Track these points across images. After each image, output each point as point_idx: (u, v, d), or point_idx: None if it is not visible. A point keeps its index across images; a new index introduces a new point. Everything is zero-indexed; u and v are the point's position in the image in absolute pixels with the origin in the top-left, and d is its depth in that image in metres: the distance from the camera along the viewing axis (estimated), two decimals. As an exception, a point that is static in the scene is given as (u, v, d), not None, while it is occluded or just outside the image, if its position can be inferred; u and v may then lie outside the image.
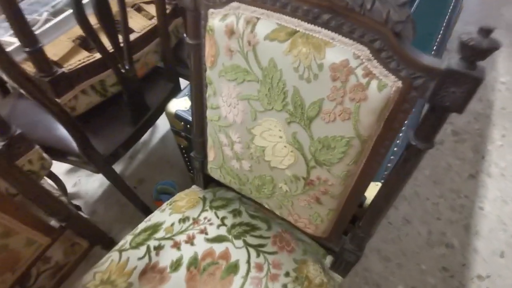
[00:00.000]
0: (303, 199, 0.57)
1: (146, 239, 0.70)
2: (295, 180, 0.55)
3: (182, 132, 0.90)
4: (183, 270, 0.64)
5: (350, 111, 0.41)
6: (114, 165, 1.34)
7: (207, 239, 0.69)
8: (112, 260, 0.68)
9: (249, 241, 0.69)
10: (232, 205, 0.77)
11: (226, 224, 0.72)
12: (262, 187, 0.62)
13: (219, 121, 0.59)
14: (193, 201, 0.78)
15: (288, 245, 0.70)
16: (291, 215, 0.63)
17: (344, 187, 0.52)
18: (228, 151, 0.62)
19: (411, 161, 0.43)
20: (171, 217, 0.74)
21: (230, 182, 0.69)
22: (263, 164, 0.57)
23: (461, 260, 1.18)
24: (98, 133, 0.90)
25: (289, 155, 0.52)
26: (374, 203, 0.52)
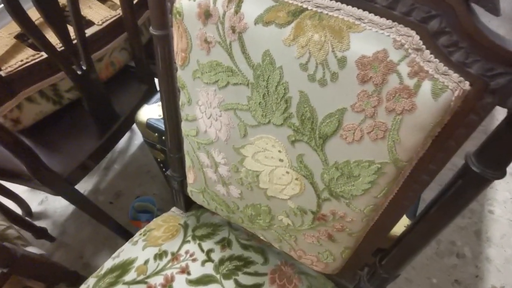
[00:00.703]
0: (310, 235, 0.44)
1: (112, 283, 0.56)
2: (300, 213, 0.41)
3: (157, 144, 0.76)
4: (158, 326, 0.51)
5: (386, 128, 0.28)
6: (87, 178, 1.18)
7: (190, 281, 0.55)
8: (69, 313, 0.53)
9: (242, 281, 0.55)
10: (219, 233, 0.63)
11: (212, 260, 0.58)
12: (256, 217, 0.49)
13: (197, 137, 0.45)
14: (172, 229, 0.63)
15: (289, 283, 0.57)
16: (294, 251, 0.50)
17: (367, 222, 0.39)
18: (211, 173, 0.48)
19: (468, 193, 0.31)
20: (145, 252, 0.60)
21: (216, 209, 0.56)
22: (257, 192, 0.44)
23: (474, 271, 1.08)
24: (54, 149, 0.74)
25: (292, 184, 0.38)
26: (407, 241, 0.39)
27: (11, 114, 0.63)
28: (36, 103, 0.67)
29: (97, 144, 0.79)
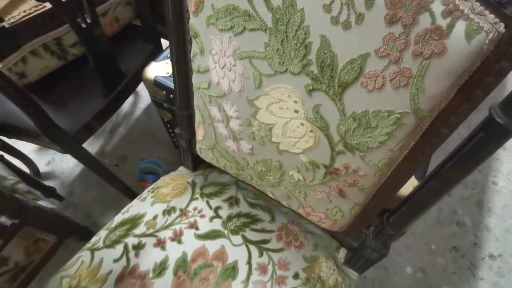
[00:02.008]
0: (320, 191, 0.44)
1: (123, 235, 0.57)
2: (312, 167, 0.41)
3: (165, 103, 0.75)
4: (169, 275, 0.52)
5: (411, 74, 0.27)
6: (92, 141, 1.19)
7: (198, 236, 0.56)
8: (82, 261, 0.55)
9: (249, 237, 0.57)
10: (227, 192, 0.64)
11: (220, 216, 0.59)
12: (266, 173, 0.49)
13: (209, 90, 0.44)
14: (180, 187, 0.64)
15: (296, 240, 0.58)
16: (302, 208, 0.51)
17: (380, 177, 0.39)
18: (222, 128, 0.47)
19: (489, 146, 0.30)
20: (154, 208, 0.61)
21: (225, 166, 0.56)
22: (269, 146, 0.43)
23: (473, 239, 1.10)
24: (62, 106, 0.74)
25: (307, 136, 0.38)
26: (418, 198, 0.39)
27: (16, 68, 0.62)
28: (41, 57, 0.65)
29: (103, 103, 0.78)
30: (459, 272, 1.04)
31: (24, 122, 0.72)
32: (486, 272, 1.04)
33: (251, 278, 0.53)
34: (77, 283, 0.53)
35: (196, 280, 0.52)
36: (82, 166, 1.27)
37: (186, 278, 0.52)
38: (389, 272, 1.04)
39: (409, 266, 1.05)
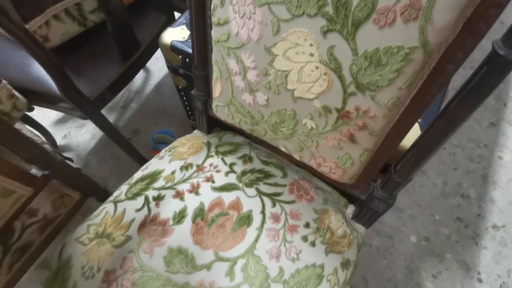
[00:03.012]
0: (332, 138, 0.47)
1: (143, 189, 0.61)
2: (325, 113, 0.44)
3: (180, 68, 0.78)
4: (188, 222, 0.56)
5: (421, 6, 0.29)
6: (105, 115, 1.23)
7: (214, 188, 0.60)
8: (106, 212, 0.59)
9: (262, 190, 0.60)
10: (241, 151, 0.67)
11: (235, 171, 0.63)
12: (280, 125, 0.52)
13: (228, 42, 0.46)
14: (196, 146, 0.68)
15: (306, 194, 0.62)
16: (313, 159, 0.54)
17: (388, 120, 0.41)
18: (239, 81, 0.50)
19: (493, 78, 0.32)
20: (171, 165, 0.64)
21: (239, 122, 0.59)
22: (284, 95, 0.46)
23: (477, 211, 1.13)
24: (81, 72, 0.77)
25: (321, 80, 0.40)
26: (425, 140, 0.42)
27: (40, 31, 0.65)
28: (62, 22, 0.68)
29: (120, 70, 0.81)
30: (462, 241, 1.07)
31: (47, 88, 0.76)
32: (489, 242, 1.07)
33: (265, 226, 0.56)
34: (103, 230, 0.57)
35: (213, 227, 0.56)
36: (96, 139, 1.31)
37: (204, 225, 0.56)
38: (394, 241, 1.07)
39: (414, 235, 1.09)
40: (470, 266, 1.03)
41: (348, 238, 0.59)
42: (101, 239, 0.56)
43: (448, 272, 1.02)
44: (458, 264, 1.03)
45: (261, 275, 0.52)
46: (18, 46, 0.81)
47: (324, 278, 0.53)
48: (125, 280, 0.52)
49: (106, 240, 0.56)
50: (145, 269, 0.52)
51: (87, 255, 0.55)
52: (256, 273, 0.52)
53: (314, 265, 0.54)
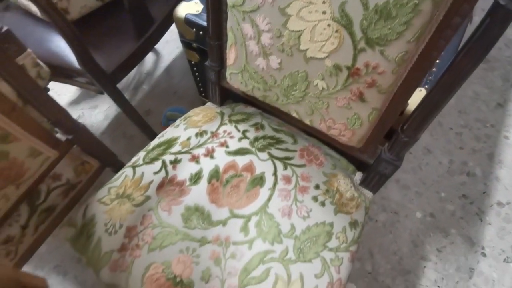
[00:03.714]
0: (342, 98, 0.49)
1: (160, 154, 0.64)
2: (335, 72, 0.46)
3: (194, 42, 0.80)
4: (204, 182, 0.59)
5: (429, -46, 0.31)
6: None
7: (228, 152, 0.63)
8: (126, 175, 0.63)
9: (274, 154, 0.63)
10: (253, 119, 0.70)
11: (248, 137, 0.65)
12: (293, 88, 0.54)
13: (243, 5, 0.49)
14: (210, 115, 0.70)
15: (316, 159, 0.64)
16: (324, 121, 0.56)
17: (396, 77, 0.44)
18: (253, 45, 0.53)
19: (495, 29, 0.35)
20: (187, 132, 0.67)
21: (252, 89, 0.61)
22: (296, 57, 0.48)
23: (482, 188, 1.14)
24: (99, 46, 0.80)
25: (332, 37, 0.43)
26: (431, 96, 0.44)
27: (61, 3, 0.68)
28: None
29: (135, 45, 0.84)
30: (467, 217, 1.09)
31: (66, 62, 0.79)
32: (493, 218, 1.09)
33: (277, 187, 0.59)
34: (123, 191, 0.61)
35: (228, 187, 0.59)
36: (109, 119, 1.35)
37: (219, 185, 0.59)
38: (400, 216, 1.10)
39: (419, 211, 1.11)
40: (475, 241, 1.05)
41: (356, 200, 0.62)
42: (121, 199, 0.60)
43: (453, 246, 1.05)
44: (462, 239, 1.06)
45: (274, 230, 0.55)
46: (38, 21, 0.84)
47: (334, 235, 0.56)
48: (146, 235, 0.56)
49: (126, 200, 0.59)
50: (164, 225, 0.56)
51: (109, 214, 0.59)
52: (269, 229, 0.55)
53: (324, 223, 0.57)
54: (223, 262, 0.53)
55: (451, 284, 0.98)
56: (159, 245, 0.54)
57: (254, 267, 0.52)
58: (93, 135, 0.69)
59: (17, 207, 0.60)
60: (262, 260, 0.53)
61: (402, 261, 1.02)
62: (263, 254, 0.53)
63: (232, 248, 0.54)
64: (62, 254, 1.04)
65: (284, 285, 0.51)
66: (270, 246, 0.54)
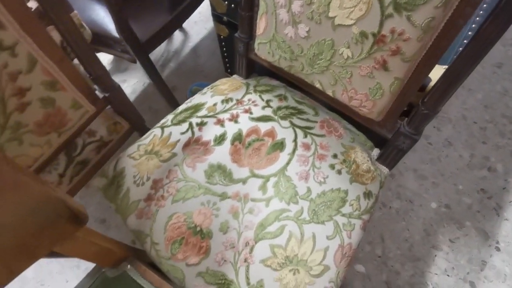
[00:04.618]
0: (366, 66, 0.51)
1: (188, 117, 0.68)
2: (361, 39, 0.48)
3: (224, 16, 0.83)
4: (227, 144, 0.63)
5: None
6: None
7: (252, 118, 0.66)
8: (154, 135, 0.67)
9: (295, 123, 0.66)
10: (277, 91, 0.72)
11: (271, 106, 0.68)
12: (318, 57, 0.56)
13: (277, -28, 0.51)
14: (236, 85, 0.74)
15: (336, 131, 0.66)
16: (346, 92, 0.58)
17: (421, 45, 0.45)
18: (284, 14, 0.55)
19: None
20: (213, 99, 0.71)
21: (279, 59, 0.64)
22: (324, 24, 0.51)
23: (502, 184, 1.13)
24: (135, 17, 0.84)
25: (361, 3, 0.44)
26: (455, 66, 0.45)
27: (104, -28, 0.72)
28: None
29: (168, 18, 0.88)
30: (483, 211, 1.08)
31: (104, 29, 0.84)
32: (511, 214, 1.08)
33: (296, 152, 0.62)
34: (151, 148, 0.65)
35: (250, 149, 0.62)
36: (136, 94, 1.41)
37: (241, 147, 0.63)
38: (414, 205, 1.10)
39: (434, 202, 1.11)
40: (490, 234, 1.04)
41: (372, 173, 0.64)
42: (149, 155, 0.64)
43: (466, 238, 1.04)
44: (476, 232, 1.05)
45: (291, 191, 0.58)
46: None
47: (347, 202, 0.59)
48: (171, 187, 0.60)
49: (154, 156, 0.64)
50: (188, 180, 0.60)
51: (138, 167, 0.63)
52: (286, 190, 0.58)
53: (339, 189, 0.59)
54: (241, 216, 0.56)
55: (462, 274, 0.98)
56: (182, 197, 0.58)
57: (270, 223, 0.55)
58: (126, 96, 0.74)
59: (57, 156, 0.66)
60: (277, 217, 0.56)
61: (413, 248, 1.03)
62: (279, 212, 0.56)
63: (250, 204, 0.57)
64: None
65: (297, 242, 0.54)
66: (286, 206, 0.57)
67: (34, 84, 0.49)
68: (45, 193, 0.37)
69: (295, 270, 0.53)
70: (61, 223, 0.41)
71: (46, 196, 0.38)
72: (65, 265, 1.05)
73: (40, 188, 0.36)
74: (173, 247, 0.56)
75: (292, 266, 0.53)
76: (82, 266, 1.04)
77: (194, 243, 0.55)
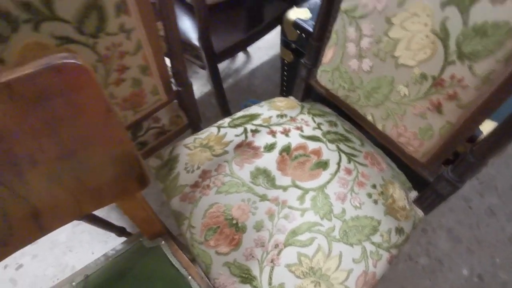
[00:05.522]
0: (420, 106, 0.55)
1: (244, 122, 0.75)
2: (421, 80, 0.53)
3: (293, 43, 0.92)
4: (275, 152, 0.68)
5: (533, -14, 0.38)
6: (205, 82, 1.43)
7: (302, 136, 0.71)
8: (211, 132, 0.74)
9: (342, 148, 0.70)
10: (328, 117, 0.77)
11: (321, 129, 0.73)
12: (376, 91, 0.61)
13: (354, 11, 0.58)
14: (291, 104, 0.80)
15: (378, 164, 0.69)
16: (396, 127, 0.62)
17: (478, 94, 0.48)
18: (352, 47, 0.61)
19: None
20: (269, 112, 0.77)
21: (337, 88, 0.70)
22: (388, 62, 0.56)
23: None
24: (215, 29, 0.96)
25: (427, 48, 0.49)
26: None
27: (202, -10, 0.85)
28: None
29: (242, 36, 0.99)
30: (520, 291, 1.01)
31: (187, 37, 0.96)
32: (552, 302, 0.99)
33: (338, 174, 0.65)
34: (206, 142, 0.72)
35: (295, 162, 0.67)
36: (194, 100, 1.53)
37: (288, 158, 0.67)
38: (444, 266, 1.06)
39: (466, 269, 1.06)
40: (523, 318, 0.97)
41: (407, 212, 0.65)
42: (203, 148, 0.71)
43: (496, 315, 0.97)
44: (509, 311, 0.98)
45: (326, 208, 0.61)
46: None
47: (378, 232, 0.60)
48: (217, 180, 0.66)
49: (207, 150, 0.70)
50: (234, 176, 0.65)
51: (191, 156, 0.70)
52: (322, 206, 0.61)
53: (372, 218, 0.61)
54: (276, 219, 0.60)
55: None
56: (226, 190, 0.64)
57: (301, 232, 0.58)
58: (193, 94, 0.83)
59: (126, 131, 0.75)
60: (309, 228, 0.59)
61: (435, 309, 0.98)
62: (312, 224, 0.59)
63: (286, 210, 0.61)
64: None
65: (323, 256, 0.57)
66: (320, 220, 0.60)
67: (133, 66, 0.59)
68: (129, 149, 0.44)
69: (317, 283, 0.55)
70: (131, 180, 0.48)
71: (129, 152, 0.45)
72: (95, 238, 1.13)
73: (127, 144, 0.44)
74: (208, 233, 0.61)
75: (315, 278, 0.55)
76: (110, 243, 1.11)
77: (228, 234, 0.60)
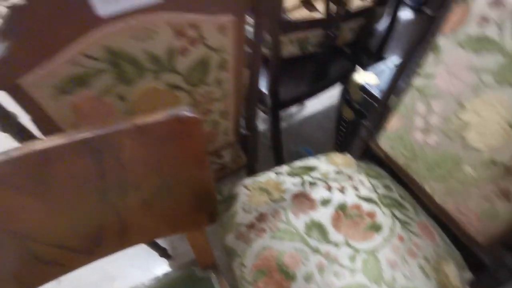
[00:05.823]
0: (486, 189, 0.56)
1: (302, 173, 0.79)
2: (490, 165, 0.54)
3: (356, 104, 0.97)
4: (331, 208, 0.71)
5: None
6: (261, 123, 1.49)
7: (358, 196, 0.74)
8: (270, 177, 0.79)
9: (396, 214, 0.71)
10: (384, 180, 0.80)
11: (377, 192, 0.75)
12: (438, 166, 0.63)
13: (424, 90, 0.62)
14: (348, 162, 0.83)
15: (432, 237, 0.69)
16: (456, 205, 0.62)
17: (551, 189, 0.49)
18: (419, 121, 0.65)
19: None
20: (327, 166, 0.81)
21: (397, 155, 0.72)
22: (455, 141, 0.58)
23: None
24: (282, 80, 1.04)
25: (499, 136, 0.52)
26: None
27: (280, 46, 0.94)
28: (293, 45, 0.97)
29: (305, 90, 1.07)
30: None
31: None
32: None
33: (391, 240, 0.66)
34: (265, 186, 0.77)
35: (350, 220, 0.69)
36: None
37: (343, 216, 0.70)
38: None
39: None
40: None
41: (460, 293, 0.63)
42: (262, 191, 0.76)
43: None
44: None
45: (376, 272, 0.62)
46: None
47: (429, 307, 0.59)
48: (273, 225, 0.69)
49: (265, 193, 0.75)
50: (290, 224, 0.69)
51: (250, 197, 0.75)
52: (373, 269, 0.62)
53: (424, 291, 0.61)
54: (325, 274, 0.62)
55: None
56: (280, 237, 0.67)
57: (350, 292, 0.59)
58: (258, 140, 0.89)
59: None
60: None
61: None
62: (361, 286, 0.60)
63: (337, 267, 0.62)
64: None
65: (369, 322, 0.57)
66: (369, 283, 0.60)
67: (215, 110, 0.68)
68: (211, 189, 0.50)
69: None
70: (204, 215, 0.54)
71: (210, 192, 0.51)
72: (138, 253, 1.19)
73: (211, 185, 0.50)
74: (258, 274, 0.63)
75: None
76: (150, 260, 1.17)
77: (277, 279, 0.62)
